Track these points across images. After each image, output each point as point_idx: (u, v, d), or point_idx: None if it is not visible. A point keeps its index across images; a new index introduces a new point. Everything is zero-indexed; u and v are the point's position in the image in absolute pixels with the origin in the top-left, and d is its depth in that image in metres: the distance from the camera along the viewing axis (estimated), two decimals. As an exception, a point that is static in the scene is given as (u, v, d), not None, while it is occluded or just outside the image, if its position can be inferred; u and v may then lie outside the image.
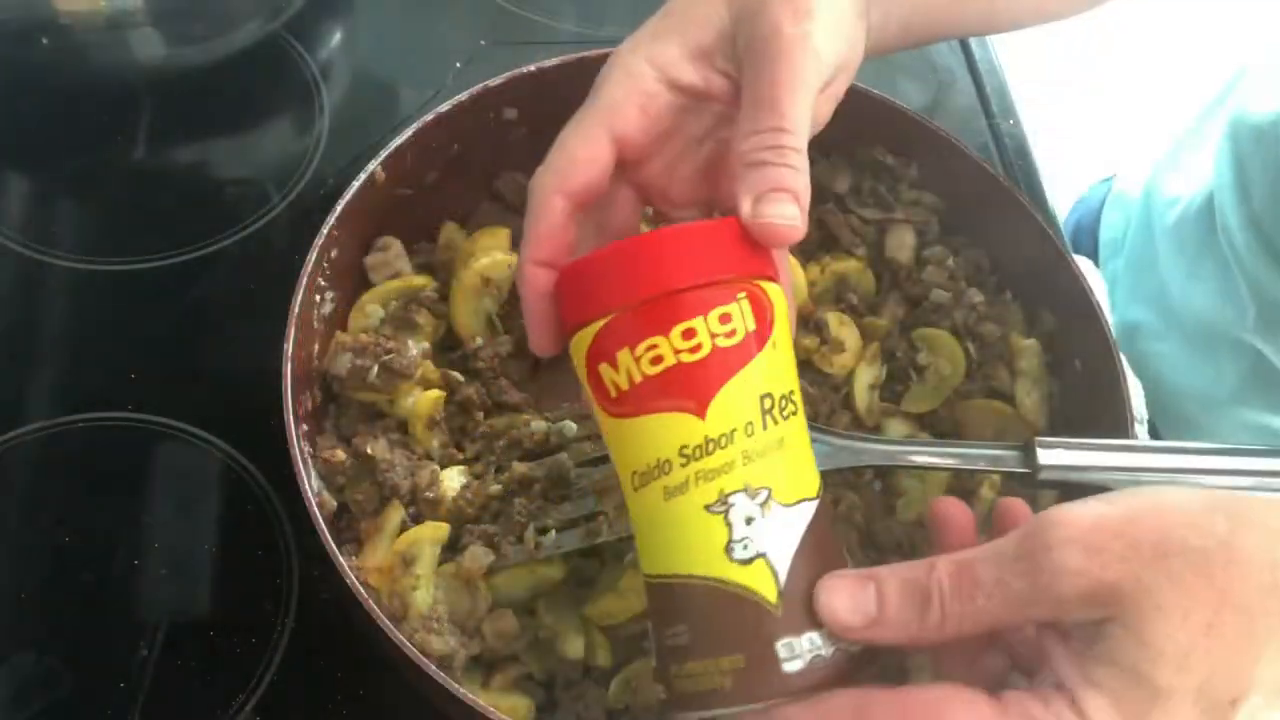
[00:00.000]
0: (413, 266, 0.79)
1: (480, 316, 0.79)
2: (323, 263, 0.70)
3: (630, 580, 0.66)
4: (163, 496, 0.74)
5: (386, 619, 0.59)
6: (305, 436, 0.68)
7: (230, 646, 0.69)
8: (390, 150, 0.74)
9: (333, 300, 0.73)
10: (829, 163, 0.84)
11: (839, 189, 0.84)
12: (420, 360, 0.72)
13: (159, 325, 0.82)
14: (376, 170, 0.73)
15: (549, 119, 0.83)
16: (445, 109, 0.76)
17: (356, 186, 0.72)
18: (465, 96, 0.77)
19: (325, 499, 0.67)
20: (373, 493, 0.69)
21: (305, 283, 0.68)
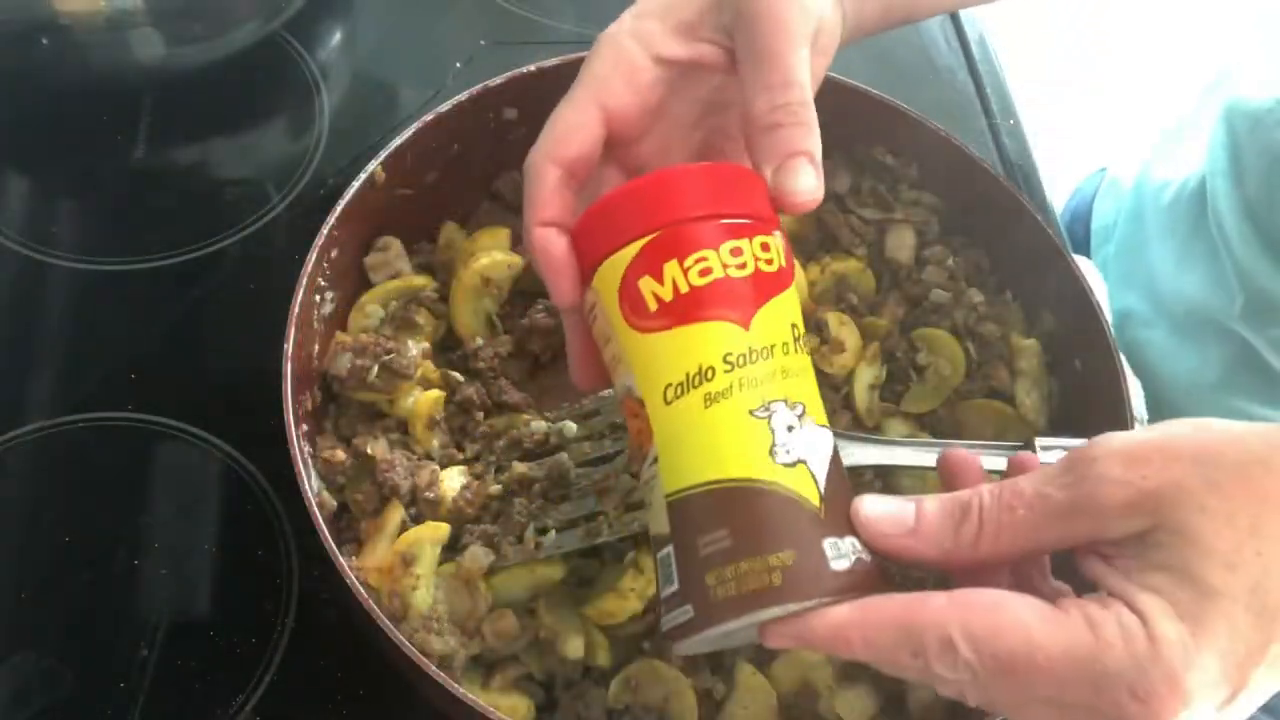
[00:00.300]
0: (413, 266, 0.79)
1: (480, 316, 0.79)
2: (323, 263, 0.70)
3: (630, 580, 0.66)
4: (163, 496, 0.75)
5: (386, 619, 0.59)
6: (305, 436, 0.68)
7: (230, 646, 0.69)
8: (390, 150, 0.74)
9: (333, 300, 0.73)
10: (829, 163, 0.84)
11: (839, 189, 0.84)
12: (420, 360, 0.72)
13: (159, 325, 0.82)
14: (376, 170, 0.73)
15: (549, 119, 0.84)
16: (445, 109, 0.76)
17: (356, 186, 0.72)
18: (465, 96, 0.77)
19: (325, 499, 0.67)
20: (373, 493, 0.69)
21: (305, 283, 0.68)
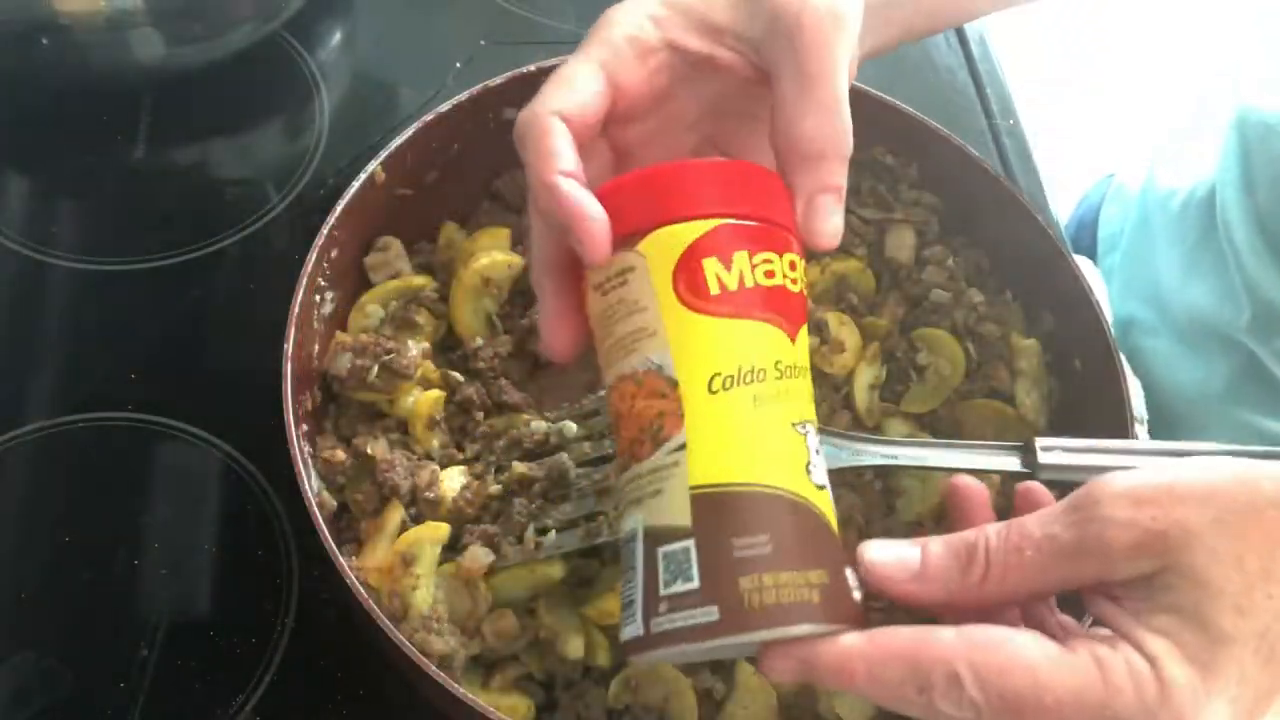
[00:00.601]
0: (413, 266, 0.79)
1: (480, 316, 0.79)
2: (323, 263, 0.70)
3: (630, 580, 0.66)
4: (163, 496, 0.75)
5: (386, 619, 0.59)
6: (305, 436, 0.68)
7: (230, 646, 0.69)
8: (390, 150, 0.74)
9: (333, 300, 0.73)
10: (829, 163, 0.84)
11: (839, 189, 0.84)
12: (420, 360, 0.72)
13: (159, 325, 0.82)
14: (376, 170, 0.73)
15: (549, 119, 0.84)
16: (445, 109, 0.76)
17: (356, 186, 0.72)
18: (465, 96, 0.77)
19: (325, 499, 0.67)
20: (373, 493, 0.69)
21: (305, 283, 0.68)
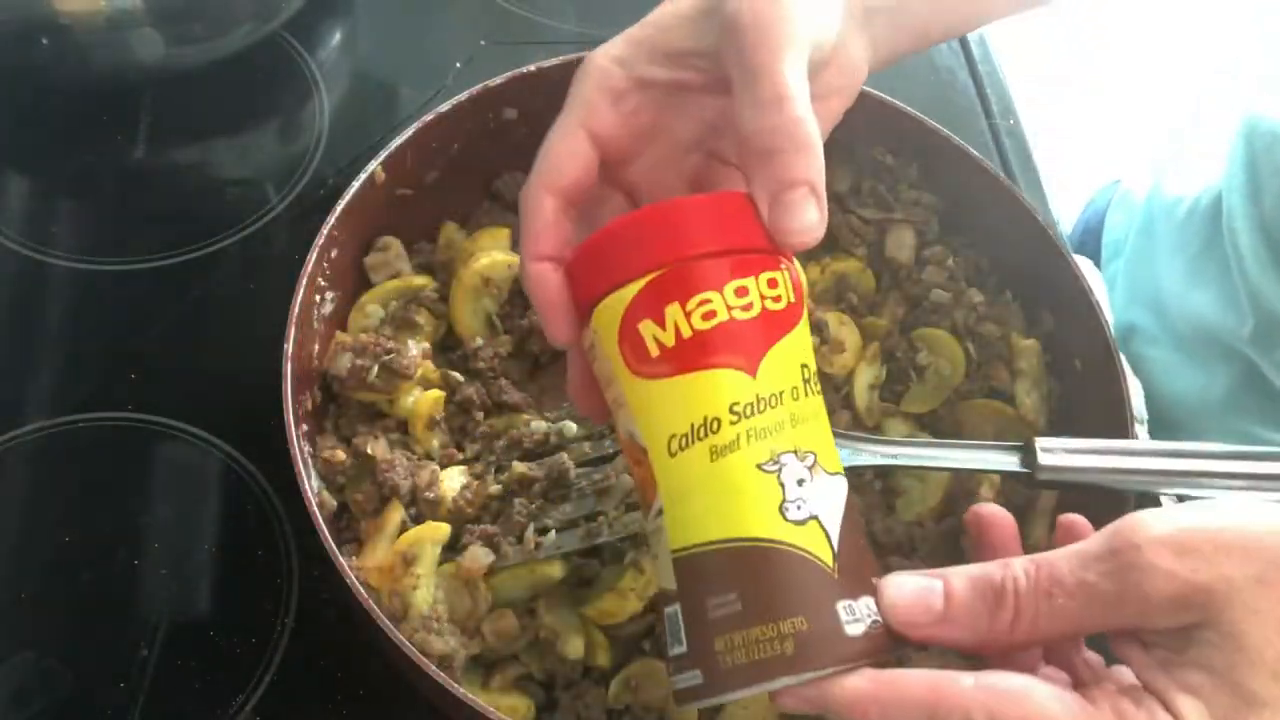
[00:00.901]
0: (413, 266, 0.79)
1: (480, 316, 0.79)
2: (323, 263, 0.70)
3: (630, 580, 0.66)
4: (163, 496, 0.75)
5: (386, 619, 0.59)
6: (305, 436, 0.68)
7: (230, 646, 0.69)
8: (390, 150, 0.74)
9: (333, 300, 0.73)
10: (829, 163, 0.84)
11: (839, 189, 0.84)
12: (420, 360, 0.72)
13: (159, 325, 0.82)
14: (376, 170, 0.73)
15: (549, 119, 0.83)
16: (445, 109, 0.76)
17: (356, 186, 0.72)
18: (465, 96, 0.77)
19: (325, 499, 0.67)
20: (373, 493, 0.69)
21: (305, 283, 0.68)
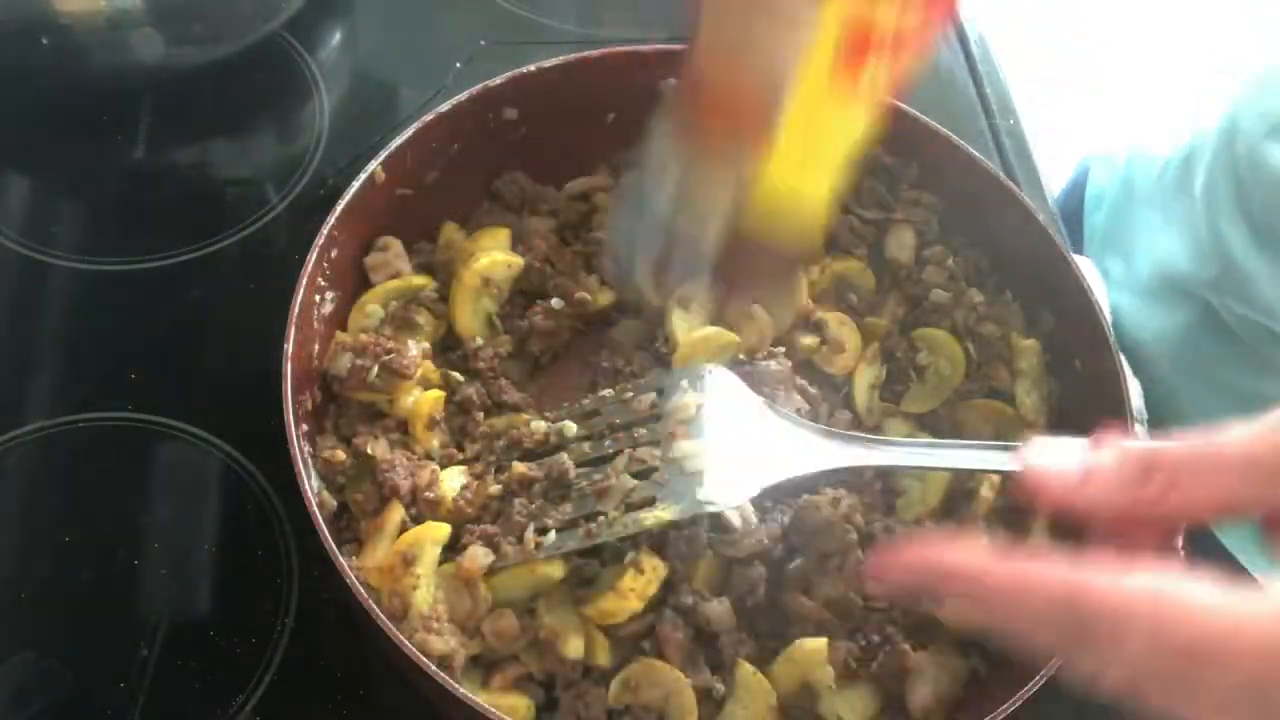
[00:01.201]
0: (413, 266, 0.79)
1: (480, 316, 0.79)
2: (323, 263, 0.70)
3: (630, 580, 0.66)
4: (163, 496, 0.75)
5: (386, 619, 0.59)
6: (305, 436, 0.68)
7: (230, 646, 0.69)
8: (390, 150, 0.74)
9: (333, 300, 0.73)
10: (829, 163, 0.84)
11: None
12: (420, 360, 0.72)
13: (159, 325, 0.82)
14: (376, 170, 0.73)
15: (549, 119, 0.84)
16: (445, 109, 0.76)
17: (356, 186, 0.72)
18: (465, 96, 0.77)
19: (325, 499, 0.67)
20: (373, 493, 0.69)
21: (305, 283, 0.68)
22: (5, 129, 0.90)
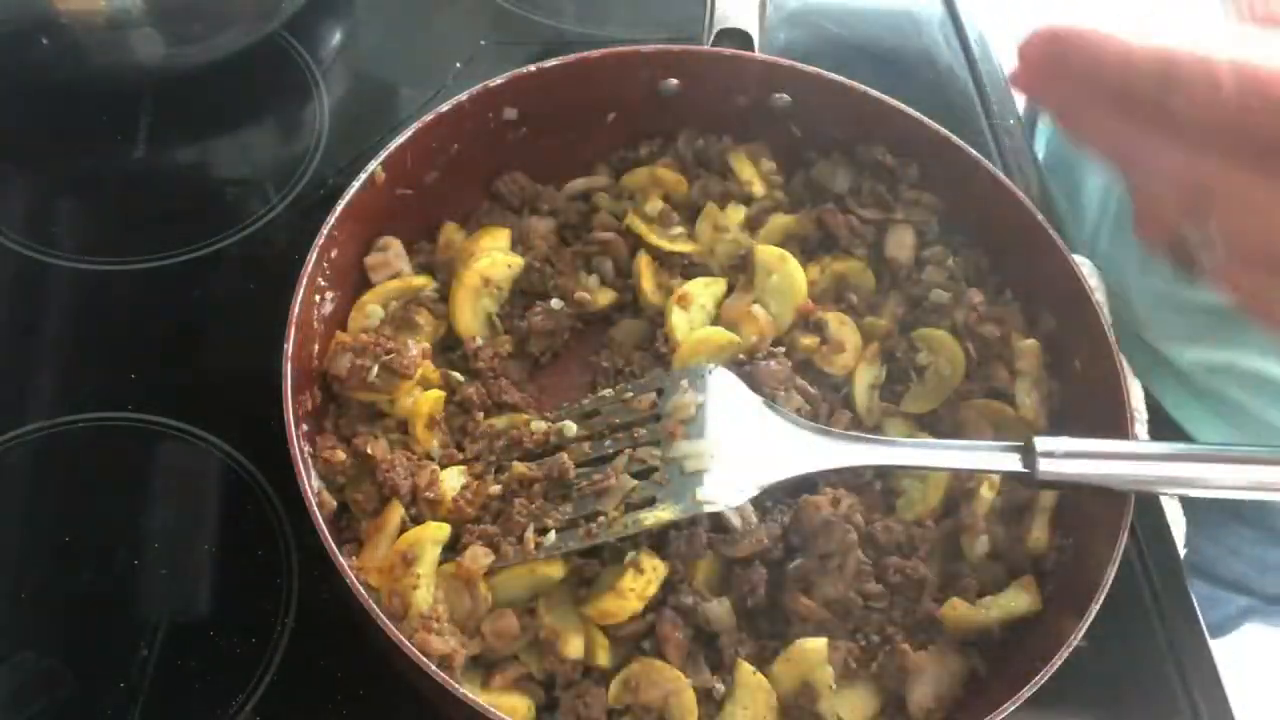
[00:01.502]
0: (413, 266, 0.79)
1: (480, 316, 0.79)
2: (323, 263, 0.70)
3: (630, 580, 0.66)
4: (163, 496, 0.75)
5: (386, 619, 0.59)
6: (305, 436, 0.68)
7: (230, 646, 0.69)
8: (390, 150, 0.74)
9: (333, 300, 0.73)
10: (829, 163, 0.84)
11: (839, 189, 0.84)
12: (420, 360, 0.72)
13: (159, 325, 0.82)
14: (376, 170, 0.73)
15: (549, 119, 0.84)
16: (445, 109, 0.76)
17: (356, 186, 0.72)
18: (465, 96, 0.77)
19: (325, 499, 0.67)
20: (373, 493, 0.69)
21: (305, 283, 0.68)
22: (5, 129, 0.90)
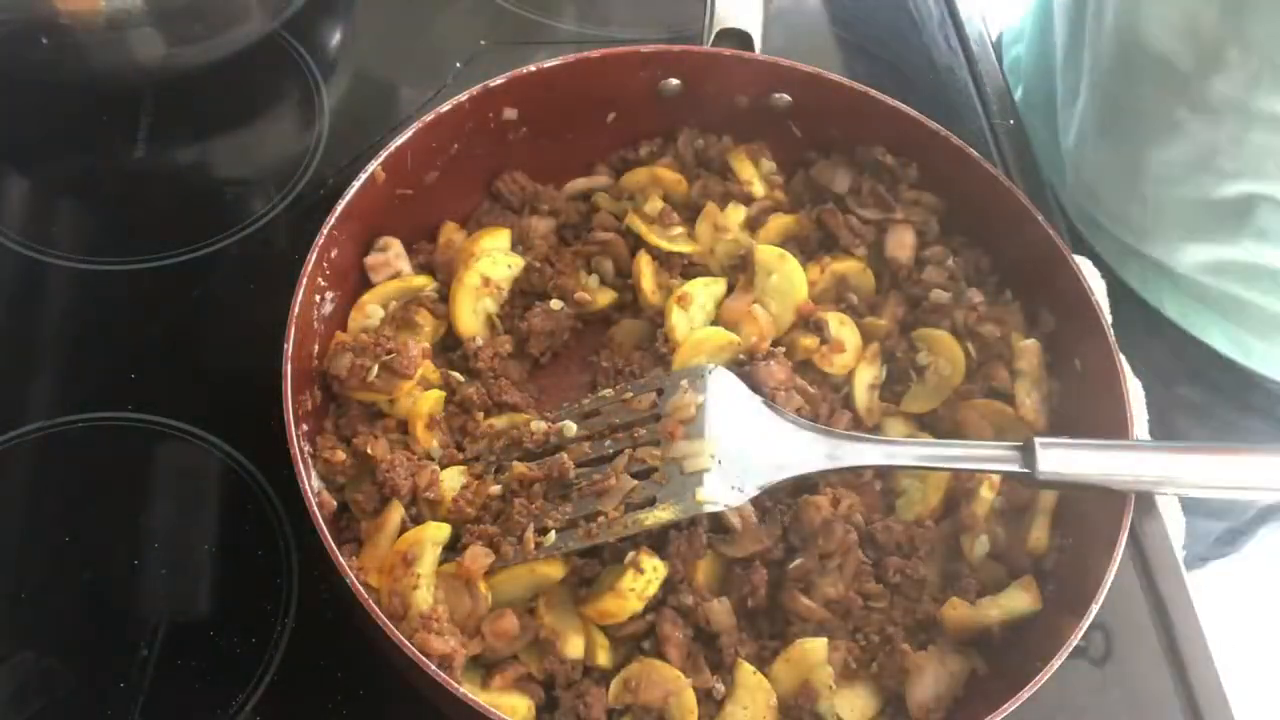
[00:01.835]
0: (413, 266, 0.79)
1: (480, 316, 0.79)
2: (323, 263, 0.70)
3: (630, 580, 0.66)
4: (163, 496, 0.75)
5: (386, 619, 0.59)
6: (305, 436, 0.68)
7: (230, 646, 0.69)
8: (390, 150, 0.74)
9: (333, 300, 0.74)
10: (829, 163, 0.84)
11: (839, 189, 0.84)
12: (420, 360, 0.72)
13: (159, 325, 0.82)
14: (376, 170, 0.73)
15: (549, 119, 0.84)
16: (445, 109, 0.76)
17: (356, 186, 0.72)
18: (465, 96, 0.77)
19: (325, 499, 0.67)
20: (373, 493, 0.69)
21: (305, 283, 0.68)
22: (5, 129, 0.90)
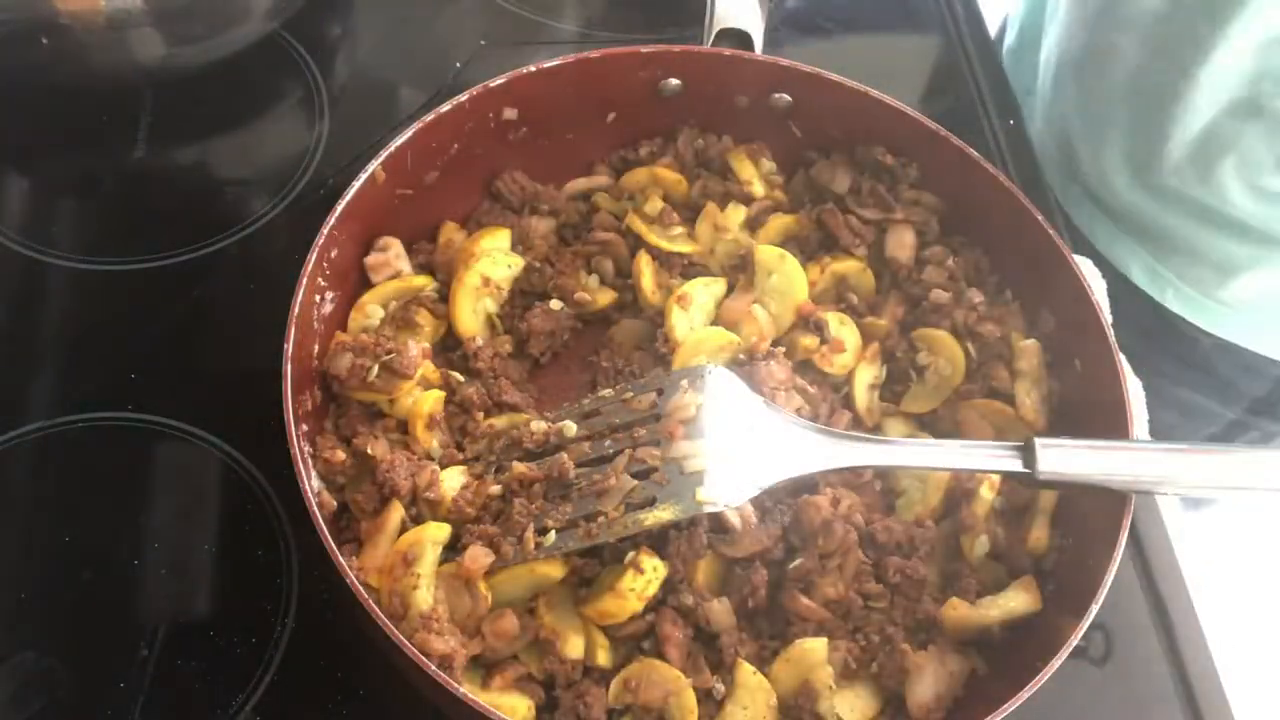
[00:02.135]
0: (413, 266, 0.79)
1: (480, 316, 0.79)
2: (323, 263, 0.70)
3: (630, 580, 0.66)
4: (163, 496, 0.75)
5: (386, 619, 0.59)
6: (305, 436, 0.68)
7: (230, 646, 0.69)
8: (390, 150, 0.74)
9: (333, 300, 0.74)
10: (829, 163, 0.84)
11: (839, 189, 0.84)
12: (420, 360, 0.72)
13: (159, 325, 0.82)
14: (376, 170, 0.73)
15: (549, 119, 0.84)
16: (445, 109, 0.76)
17: (356, 186, 0.72)
18: (465, 96, 0.77)
19: (325, 499, 0.67)
20: (373, 493, 0.69)
21: (305, 283, 0.68)
22: (5, 129, 0.90)
